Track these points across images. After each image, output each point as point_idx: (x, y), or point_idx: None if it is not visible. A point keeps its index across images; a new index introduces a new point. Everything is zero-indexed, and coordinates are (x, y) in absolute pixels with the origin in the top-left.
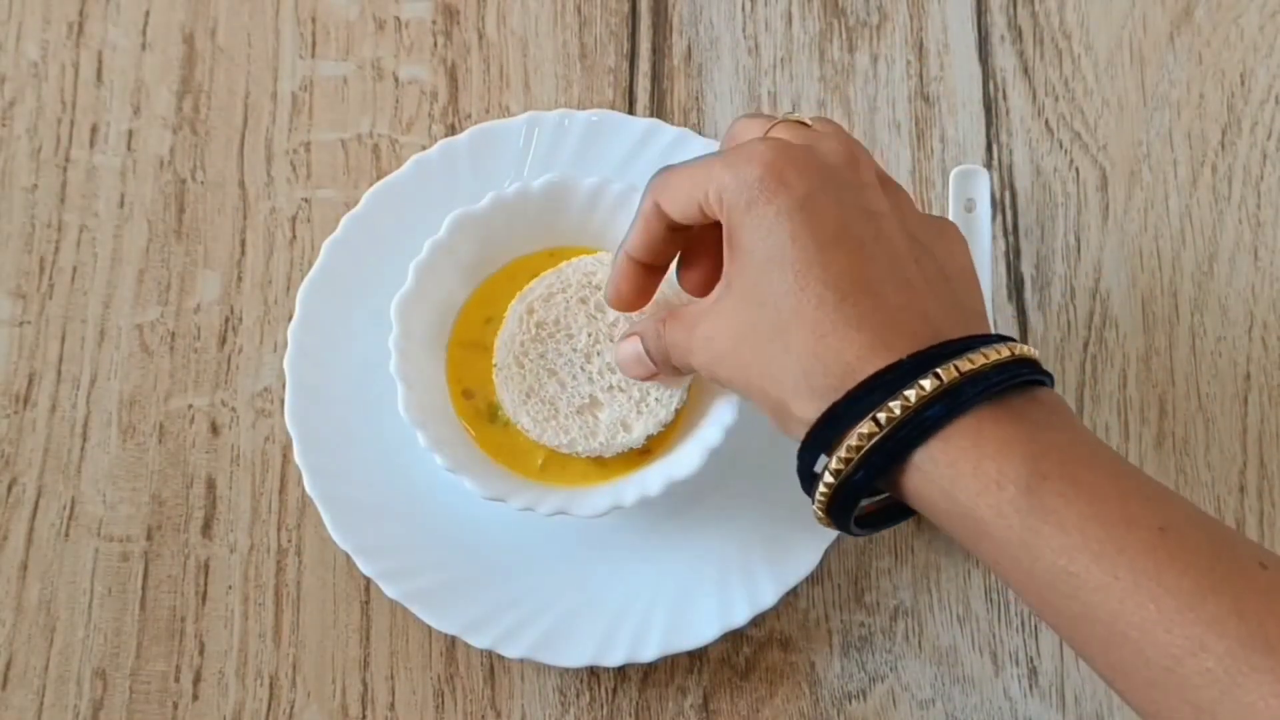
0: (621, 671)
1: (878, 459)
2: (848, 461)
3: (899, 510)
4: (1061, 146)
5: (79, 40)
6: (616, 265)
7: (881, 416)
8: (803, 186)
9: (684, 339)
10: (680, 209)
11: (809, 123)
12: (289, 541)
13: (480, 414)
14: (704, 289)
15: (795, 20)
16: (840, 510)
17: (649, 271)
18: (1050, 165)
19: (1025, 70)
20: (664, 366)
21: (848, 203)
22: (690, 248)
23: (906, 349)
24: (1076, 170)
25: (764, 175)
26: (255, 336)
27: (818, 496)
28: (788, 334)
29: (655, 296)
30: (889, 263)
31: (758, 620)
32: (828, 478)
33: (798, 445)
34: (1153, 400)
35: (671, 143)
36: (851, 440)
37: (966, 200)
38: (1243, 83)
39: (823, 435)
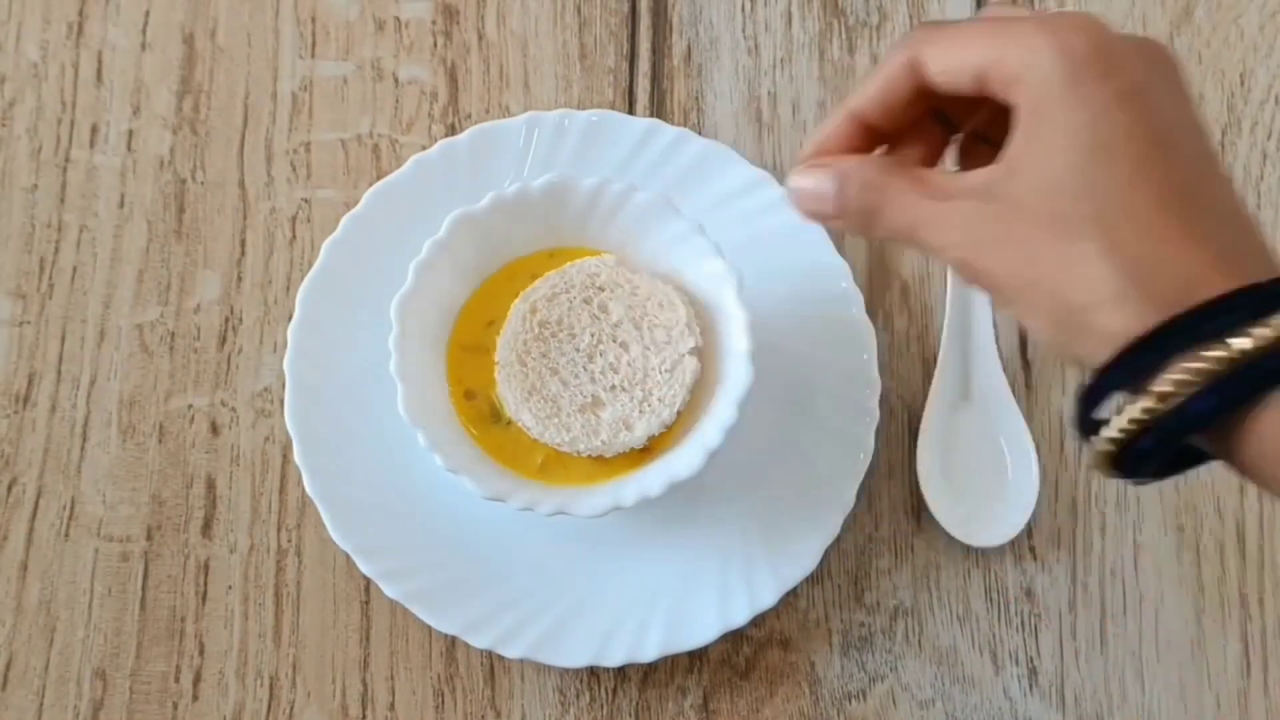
0: (621, 671)
1: (1231, 388)
2: (1174, 394)
3: (1186, 457)
4: None
5: (79, 40)
6: (829, 120)
7: (1246, 343)
8: (1140, 73)
9: (927, 210)
10: (951, 69)
11: None
12: (289, 541)
13: (482, 415)
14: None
15: (795, 20)
16: (1141, 454)
17: (866, 135)
18: None
19: None
20: (851, 219)
21: (1183, 108)
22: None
23: (1264, 275)
24: None
25: (1096, 51)
26: (255, 336)
27: (1119, 428)
28: (1115, 231)
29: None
30: (1222, 186)
31: (758, 620)
32: (1144, 405)
33: (1085, 368)
34: None
35: (671, 143)
36: (1193, 363)
37: None
38: (1243, 83)
39: (1145, 356)
